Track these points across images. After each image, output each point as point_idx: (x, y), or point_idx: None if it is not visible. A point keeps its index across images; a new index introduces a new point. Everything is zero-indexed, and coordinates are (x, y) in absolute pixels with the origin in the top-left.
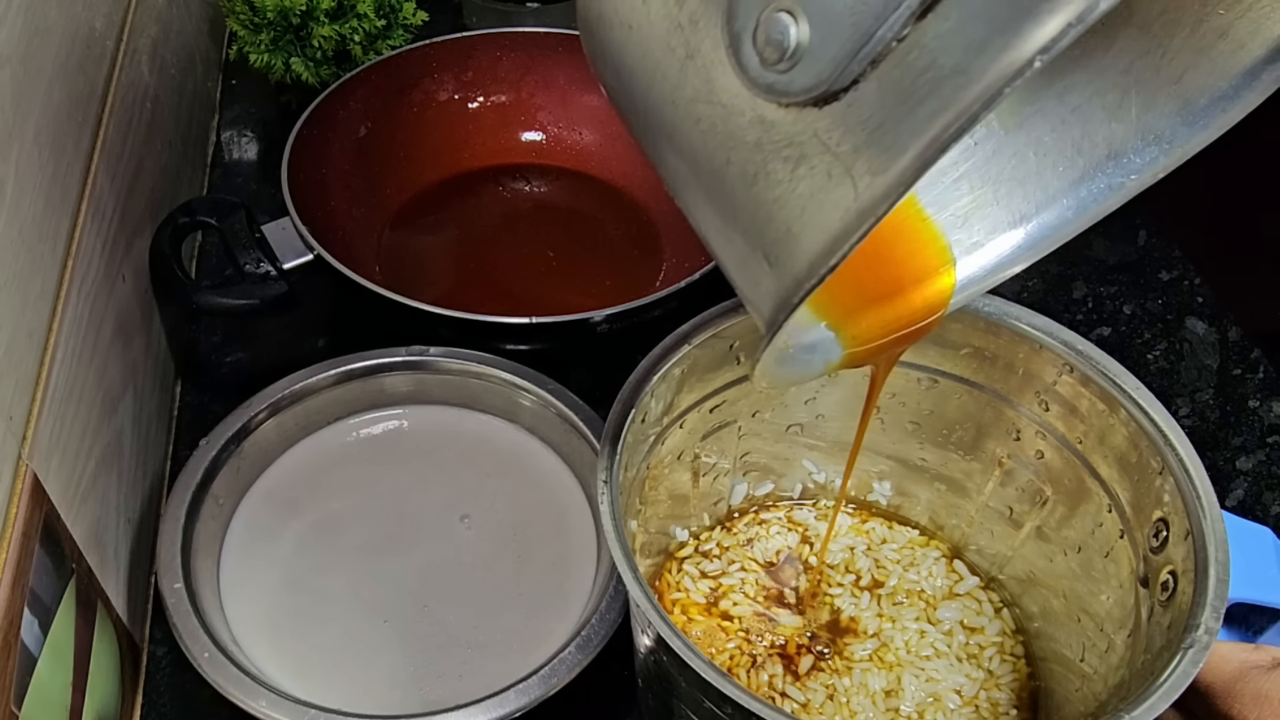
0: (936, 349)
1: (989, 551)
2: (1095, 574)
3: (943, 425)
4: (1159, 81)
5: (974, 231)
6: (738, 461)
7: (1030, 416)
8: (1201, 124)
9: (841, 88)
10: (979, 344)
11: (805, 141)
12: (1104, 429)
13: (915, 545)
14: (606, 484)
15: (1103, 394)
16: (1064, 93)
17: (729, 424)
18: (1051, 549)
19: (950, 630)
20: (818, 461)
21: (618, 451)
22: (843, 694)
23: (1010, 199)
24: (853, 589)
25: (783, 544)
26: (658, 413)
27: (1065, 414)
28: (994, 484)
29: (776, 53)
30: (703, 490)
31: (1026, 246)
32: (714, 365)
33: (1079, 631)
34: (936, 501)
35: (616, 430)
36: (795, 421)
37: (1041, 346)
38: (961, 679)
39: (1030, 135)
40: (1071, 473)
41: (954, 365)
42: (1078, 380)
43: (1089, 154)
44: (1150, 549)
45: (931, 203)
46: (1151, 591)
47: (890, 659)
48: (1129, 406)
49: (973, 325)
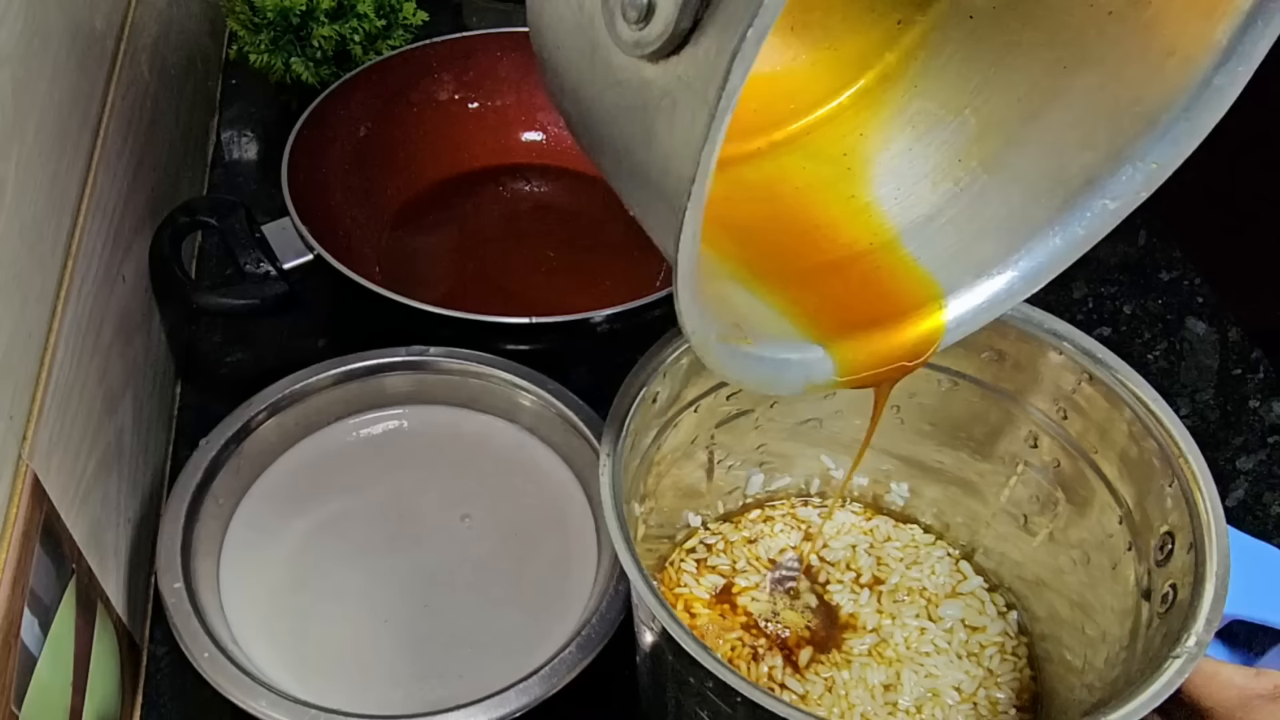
0: (958, 350)
1: (999, 554)
2: (1102, 583)
3: (960, 427)
4: (1121, 106)
5: (965, 271)
6: (753, 452)
7: (1048, 423)
8: (1170, 139)
9: (687, 28)
10: (1000, 347)
11: (674, 88)
12: (1119, 439)
13: (920, 544)
14: (610, 457)
15: (1120, 404)
16: (1039, 130)
17: (745, 413)
18: (1062, 556)
19: (951, 628)
20: (835, 457)
21: (623, 431)
22: (841, 686)
23: (998, 236)
24: (853, 585)
25: (786, 542)
26: (664, 402)
27: (1082, 422)
28: (1009, 489)
29: (635, 12)
30: (717, 480)
31: (1020, 280)
32: None
33: (1084, 638)
34: (949, 503)
35: (623, 410)
36: (813, 416)
37: (1062, 353)
38: (961, 676)
39: (1011, 174)
40: (1085, 482)
41: (974, 368)
42: (1097, 389)
43: (1068, 184)
44: (1155, 561)
45: (920, 247)
46: (1152, 603)
47: (889, 654)
48: (1145, 418)
49: (995, 329)
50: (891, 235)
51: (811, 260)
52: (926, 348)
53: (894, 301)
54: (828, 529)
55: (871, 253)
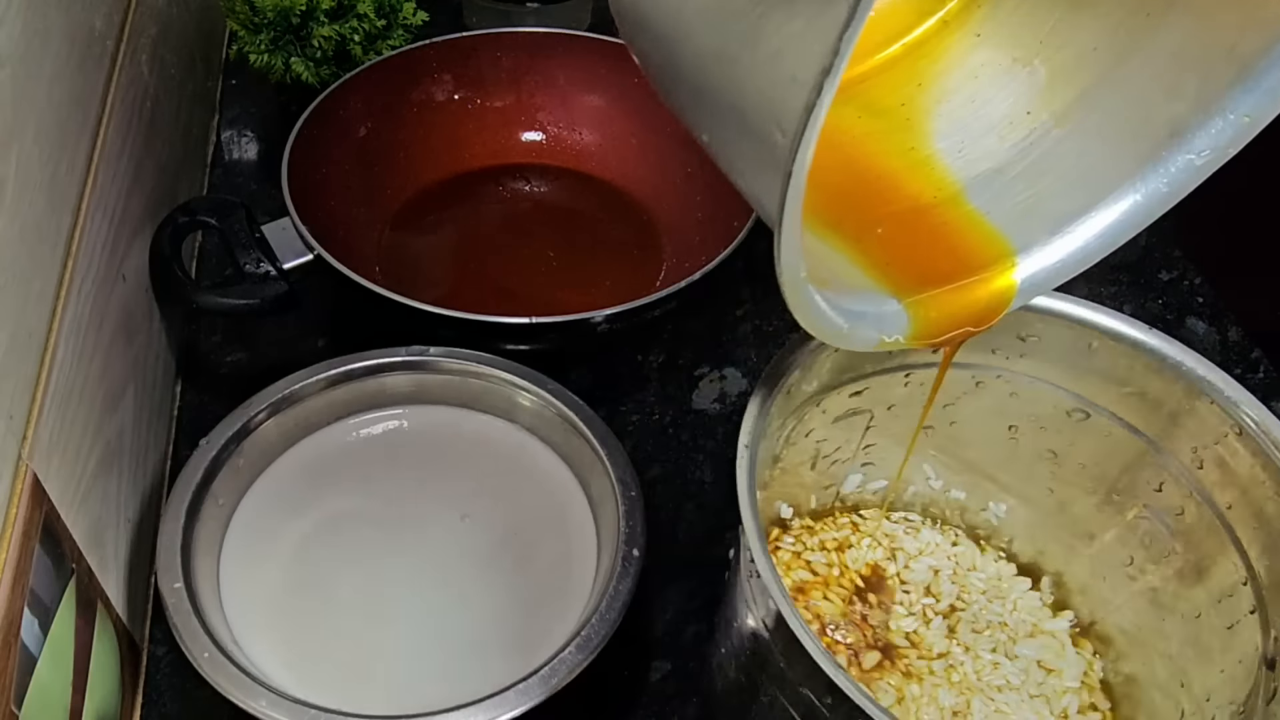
0: (1098, 381)
1: (1094, 595)
2: (1211, 644)
3: (1081, 460)
4: (1213, 54)
5: (1037, 228)
6: (859, 451)
7: (1179, 471)
8: (1267, 89)
9: None
10: (1145, 385)
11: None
12: (1260, 500)
13: (1004, 578)
14: (748, 448)
15: (1267, 464)
16: (1119, 82)
17: (862, 412)
18: (1164, 609)
19: (1027, 667)
20: (938, 469)
21: (765, 417)
22: (911, 701)
23: (1073, 192)
24: (926, 610)
25: (870, 555)
26: (801, 396)
27: (1220, 476)
28: (1118, 530)
29: None
30: (818, 473)
31: (1097, 239)
32: (866, 353)
33: (1175, 699)
34: (1046, 531)
35: (765, 396)
36: (929, 424)
37: (1213, 401)
38: (1032, 717)
39: (1088, 126)
40: (1212, 538)
41: (1112, 402)
42: (1244, 445)
43: (1151, 138)
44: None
45: (988, 202)
46: (1276, 674)
47: (958, 680)
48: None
49: (1144, 364)
50: (956, 189)
51: (877, 211)
52: (1000, 308)
53: (964, 258)
54: (911, 547)
55: (937, 206)
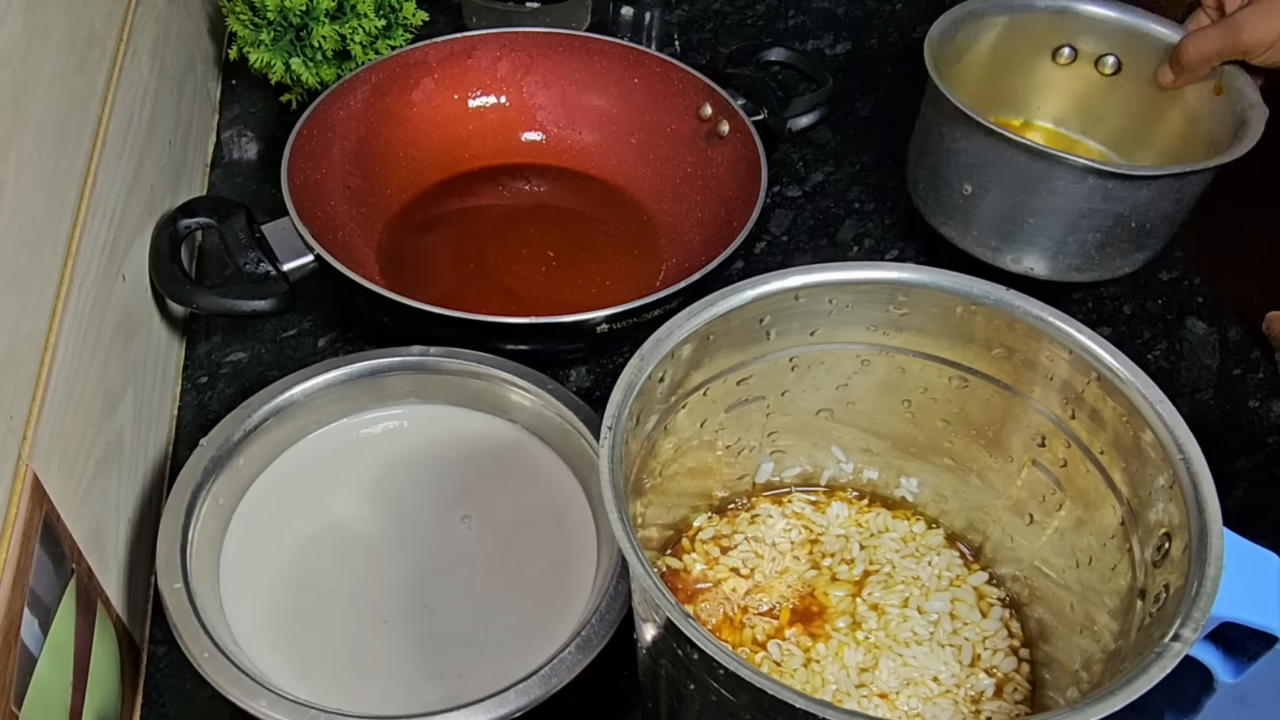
0: (969, 347)
1: (1006, 553)
2: (1103, 585)
3: (971, 424)
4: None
5: None
6: (765, 440)
7: (1056, 423)
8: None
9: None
10: (1011, 344)
11: None
12: (1124, 439)
13: (918, 536)
14: (611, 429)
15: (1127, 405)
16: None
17: (757, 399)
18: (1065, 555)
19: (937, 620)
20: (846, 449)
21: (623, 410)
22: (816, 661)
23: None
24: (839, 573)
25: (784, 528)
26: (670, 384)
27: (1090, 422)
28: (1017, 487)
29: None
30: (726, 466)
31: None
32: (743, 340)
33: (1081, 637)
34: (958, 499)
35: (623, 391)
36: (825, 406)
37: (1071, 352)
38: (940, 667)
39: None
40: (1091, 482)
41: (986, 364)
42: (1104, 389)
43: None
44: (1152, 561)
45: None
46: (1146, 603)
47: (862, 637)
48: (1150, 418)
49: (1007, 325)
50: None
51: None
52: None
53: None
54: (824, 519)
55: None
